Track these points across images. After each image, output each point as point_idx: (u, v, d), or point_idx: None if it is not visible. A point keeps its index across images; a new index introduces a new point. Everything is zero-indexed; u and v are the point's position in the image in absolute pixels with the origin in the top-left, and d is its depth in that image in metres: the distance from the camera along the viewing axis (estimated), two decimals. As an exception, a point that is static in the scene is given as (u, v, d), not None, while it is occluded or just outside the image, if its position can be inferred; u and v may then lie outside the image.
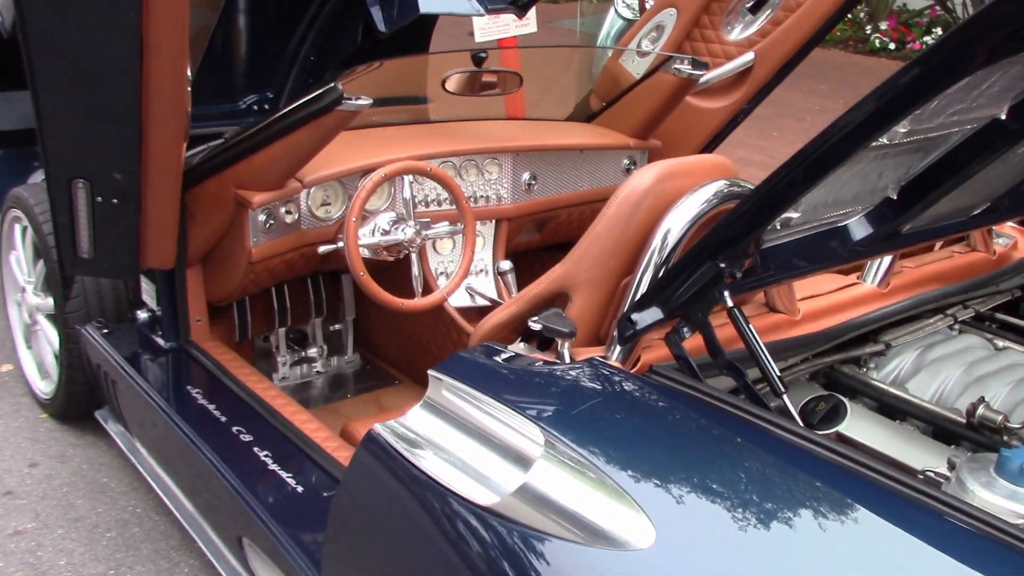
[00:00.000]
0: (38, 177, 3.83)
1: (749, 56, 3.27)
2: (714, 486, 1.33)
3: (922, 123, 1.53)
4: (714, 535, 1.28)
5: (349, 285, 3.34)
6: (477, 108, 3.45)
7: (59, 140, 2.20)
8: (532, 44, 3.43)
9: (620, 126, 3.38)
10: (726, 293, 1.52)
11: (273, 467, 2.30)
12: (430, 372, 1.70)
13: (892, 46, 9.10)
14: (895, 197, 1.69)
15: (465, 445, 1.58)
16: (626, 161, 3.37)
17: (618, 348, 1.75)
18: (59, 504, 2.95)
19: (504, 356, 1.71)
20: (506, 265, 2.96)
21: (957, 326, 2.11)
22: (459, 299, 3.02)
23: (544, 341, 1.83)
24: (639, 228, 1.80)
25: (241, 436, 2.42)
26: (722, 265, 1.50)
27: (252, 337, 3.18)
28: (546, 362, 1.67)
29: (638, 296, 1.74)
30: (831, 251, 1.67)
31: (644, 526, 1.29)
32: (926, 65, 1.23)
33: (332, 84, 2.37)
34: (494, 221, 3.15)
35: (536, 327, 1.75)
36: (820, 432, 1.60)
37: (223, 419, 2.50)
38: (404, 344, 3.33)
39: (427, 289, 2.79)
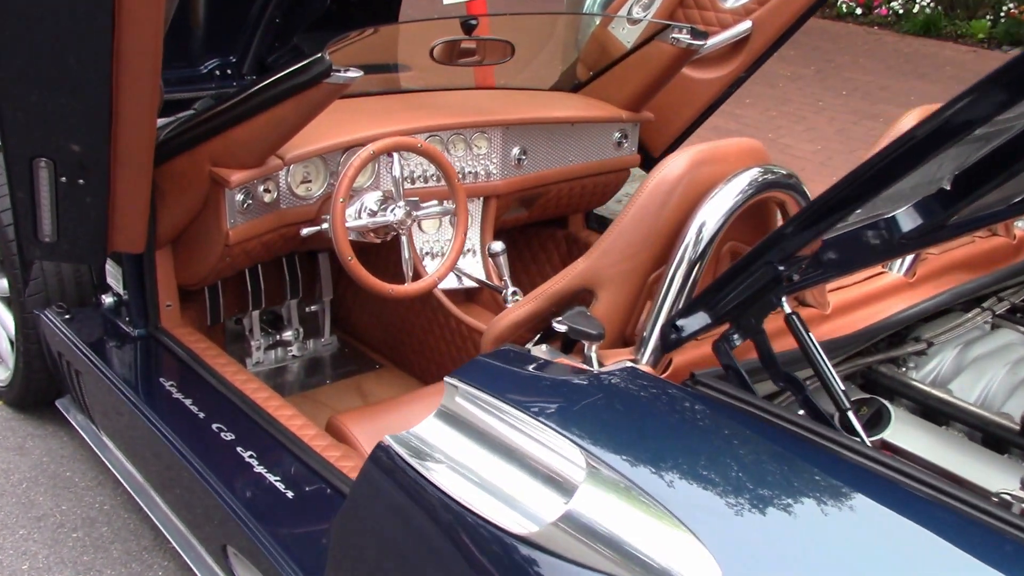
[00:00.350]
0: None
1: (746, 25, 3.12)
2: (783, 516, 1.20)
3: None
4: (786, 574, 1.15)
5: (326, 264, 3.16)
6: (448, 77, 3.26)
7: (18, 113, 1.99)
8: (512, 11, 3.23)
9: (610, 97, 3.22)
10: (784, 298, 1.38)
11: (259, 469, 2.13)
12: (446, 380, 1.55)
13: (859, 11, 9.03)
14: (948, 188, 1.57)
15: (491, 463, 1.44)
16: (617, 134, 3.22)
17: (649, 351, 1.61)
18: (19, 502, 2.76)
19: (529, 362, 1.56)
20: (498, 246, 2.80)
21: (991, 320, 2.01)
22: (446, 281, 2.86)
23: (567, 342, 1.69)
24: (671, 218, 1.66)
25: (222, 434, 2.24)
26: (780, 268, 1.36)
27: (224, 320, 3.00)
28: (577, 369, 1.52)
29: (671, 294, 1.61)
30: (880, 245, 1.54)
31: (707, 563, 1.16)
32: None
33: (320, 55, 2.17)
34: (482, 199, 2.98)
35: (561, 328, 1.61)
36: (869, 440, 1.49)
37: (201, 415, 2.32)
38: (385, 327, 3.17)
39: (415, 273, 2.62)
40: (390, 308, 3.07)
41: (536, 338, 1.79)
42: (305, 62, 2.20)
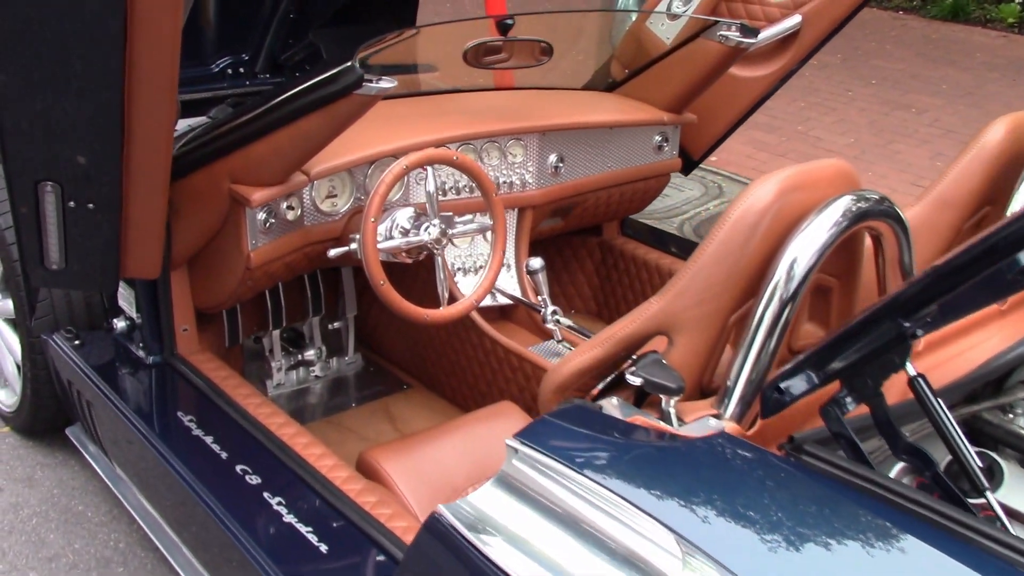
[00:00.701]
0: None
1: (796, 19, 2.92)
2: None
3: None
4: None
5: (350, 279, 2.97)
6: (468, 78, 3.07)
7: (20, 134, 1.80)
8: (536, 7, 3.03)
9: (650, 98, 3.02)
10: (908, 360, 1.20)
11: (289, 519, 1.95)
12: (507, 441, 1.37)
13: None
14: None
15: (561, 542, 1.25)
16: (658, 137, 3.03)
17: (734, 404, 1.43)
18: (29, 540, 2.59)
19: (602, 421, 1.38)
20: (536, 263, 2.62)
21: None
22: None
23: (640, 392, 1.51)
24: (756, 253, 1.47)
25: (248, 478, 2.06)
26: (906, 324, 1.18)
27: (243, 340, 2.81)
28: (660, 432, 1.34)
29: (758, 338, 1.43)
30: (1003, 286, 1.36)
31: None
32: None
33: (349, 63, 1.97)
34: (516, 210, 2.79)
35: (635, 381, 1.43)
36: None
37: (224, 455, 2.14)
38: (413, 345, 2.98)
39: (450, 295, 2.43)
40: (418, 326, 2.89)
41: (598, 384, 1.61)
42: (333, 71, 2.00)
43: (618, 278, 3.29)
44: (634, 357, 1.56)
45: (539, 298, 2.71)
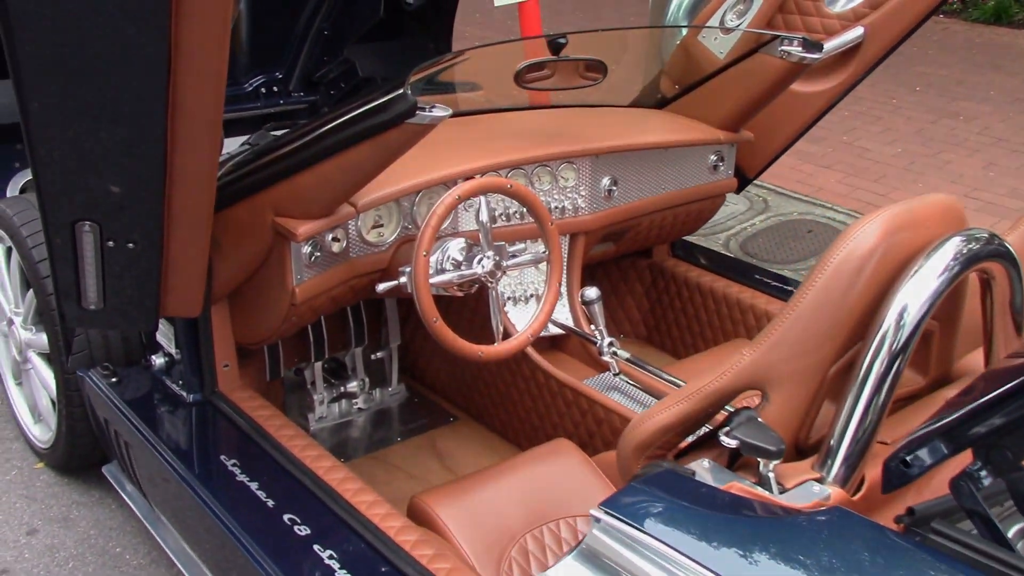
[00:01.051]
0: (18, 180, 3.32)
1: (858, 31, 2.78)
2: None
3: None
4: None
5: (393, 308, 2.86)
6: (508, 96, 2.95)
7: (55, 169, 1.70)
8: (598, 28, 2.91)
9: (703, 115, 2.89)
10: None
11: (342, 575, 1.84)
12: (592, 512, 1.25)
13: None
14: None
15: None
16: (713, 157, 2.90)
17: (838, 466, 1.30)
18: (66, 585, 2.49)
19: (698, 489, 1.25)
20: (592, 293, 2.50)
21: None
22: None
23: (732, 453, 1.38)
24: (860, 300, 1.34)
25: (296, 529, 1.95)
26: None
27: (283, 372, 2.71)
28: (764, 502, 1.21)
29: (865, 394, 1.30)
30: None
31: None
32: None
33: (401, 90, 1.86)
34: (568, 236, 2.67)
35: (731, 443, 1.30)
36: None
37: (271, 503, 2.03)
38: (459, 375, 2.87)
39: (504, 329, 2.31)
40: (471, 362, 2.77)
41: (680, 441, 1.48)
42: (384, 99, 1.89)
43: (669, 302, 3.16)
44: (728, 409, 1.43)
45: (593, 328, 2.58)
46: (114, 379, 2.47)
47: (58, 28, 1.49)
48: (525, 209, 2.35)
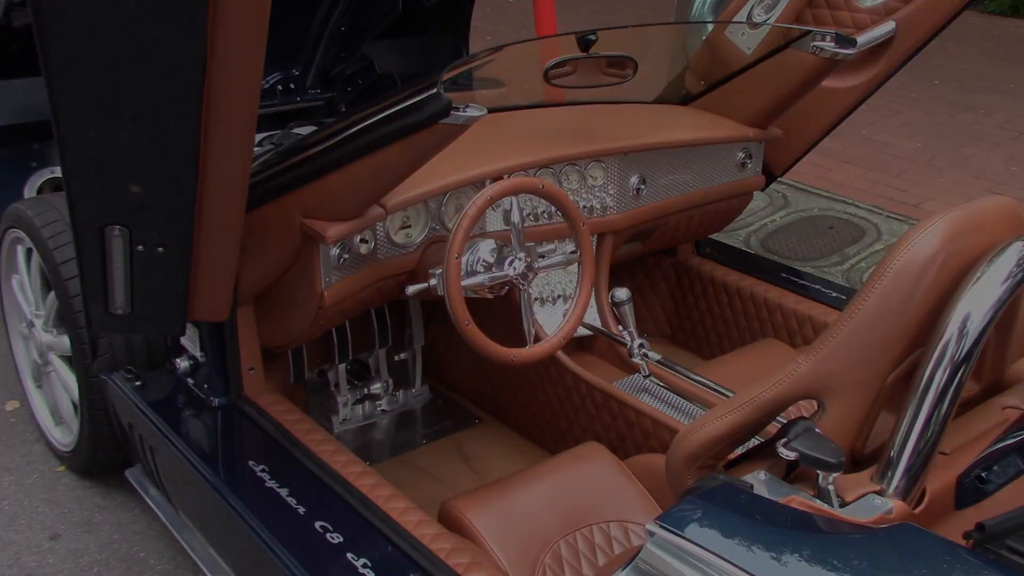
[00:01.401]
0: (35, 180, 3.30)
1: (889, 26, 2.74)
2: None
3: None
4: None
5: (417, 308, 2.83)
6: (527, 92, 2.91)
7: (85, 172, 1.66)
8: (626, 24, 2.86)
9: (731, 111, 2.85)
10: None
11: (376, 583, 1.81)
12: (648, 526, 1.21)
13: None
14: None
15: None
16: (741, 154, 2.85)
17: (898, 478, 1.27)
18: (91, 591, 2.47)
19: (755, 503, 1.21)
20: (623, 294, 2.46)
21: None
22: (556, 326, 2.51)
23: (789, 464, 1.34)
24: (921, 307, 1.30)
25: (328, 536, 1.92)
26: None
27: (307, 375, 2.67)
28: (826, 518, 1.17)
29: (926, 405, 1.26)
30: None
31: None
32: None
33: (435, 90, 1.81)
34: (596, 235, 2.63)
35: (789, 456, 1.26)
36: None
37: (301, 510, 1.99)
38: (484, 377, 2.83)
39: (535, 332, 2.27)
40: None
41: (731, 452, 1.44)
42: (417, 98, 1.85)
43: (694, 301, 3.12)
44: (782, 420, 1.40)
45: (622, 329, 2.54)
46: (138, 383, 2.44)
47: (91, 28, 1.45)
48: (554, 209, 2.32)
